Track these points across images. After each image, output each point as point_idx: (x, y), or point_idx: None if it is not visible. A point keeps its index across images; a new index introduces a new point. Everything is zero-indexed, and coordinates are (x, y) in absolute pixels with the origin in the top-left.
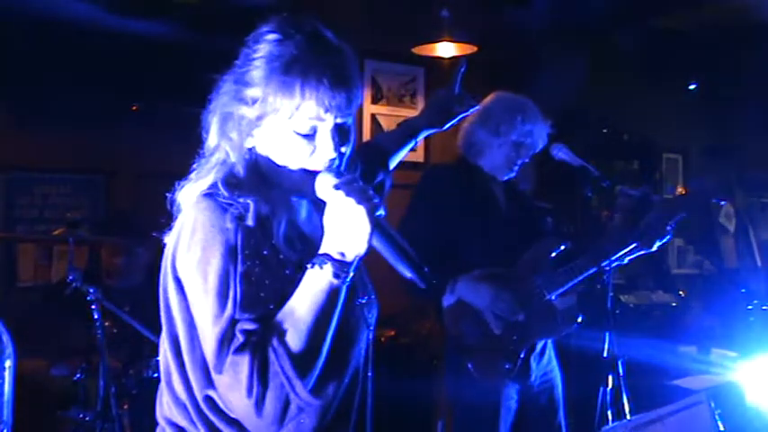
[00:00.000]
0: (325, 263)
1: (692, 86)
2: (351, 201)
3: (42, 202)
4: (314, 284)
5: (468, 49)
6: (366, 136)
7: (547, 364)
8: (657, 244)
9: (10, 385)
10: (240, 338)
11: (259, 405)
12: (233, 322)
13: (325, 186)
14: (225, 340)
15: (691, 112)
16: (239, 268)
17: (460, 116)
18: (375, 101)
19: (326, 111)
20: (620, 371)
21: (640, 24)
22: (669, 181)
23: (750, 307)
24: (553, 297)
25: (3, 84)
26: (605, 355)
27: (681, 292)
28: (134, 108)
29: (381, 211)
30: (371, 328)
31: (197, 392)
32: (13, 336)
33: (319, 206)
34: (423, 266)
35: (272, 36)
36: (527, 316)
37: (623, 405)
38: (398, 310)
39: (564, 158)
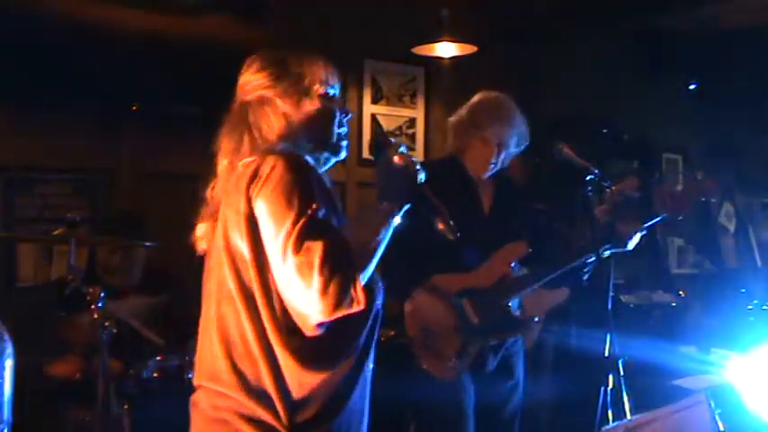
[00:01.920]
0: (380, 203)
1: (692, 86)
2: (403, 163)
3: (42, 202)
4: (372, 218)
5: (468, 49)
6: (366, 136)
7: (508, 348)
8: (631, 243)
9: (10, 385)
10: (317, 231)
11: (325, 285)
12: (313, 220)
13: (386, 147)
14: (304, 231)
15: (691, 112)
16: (316, 191)
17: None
18: (375, 101)
19: (338, 80)
20: (621, 371)
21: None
22: (669, 181)
23: (750, 307)
24: (509, 303)
25: (3, 84)
26: (605, 355)
27: (681, 292)
28: (134, 108)
29: (423, 176)
30: (381, 306)
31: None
32: (13, 336)
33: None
34: (449, 220)
35: (263, 55)
36: (481, 319)
37: (623, 405)
38: (399, 310)
39: (564, 158)
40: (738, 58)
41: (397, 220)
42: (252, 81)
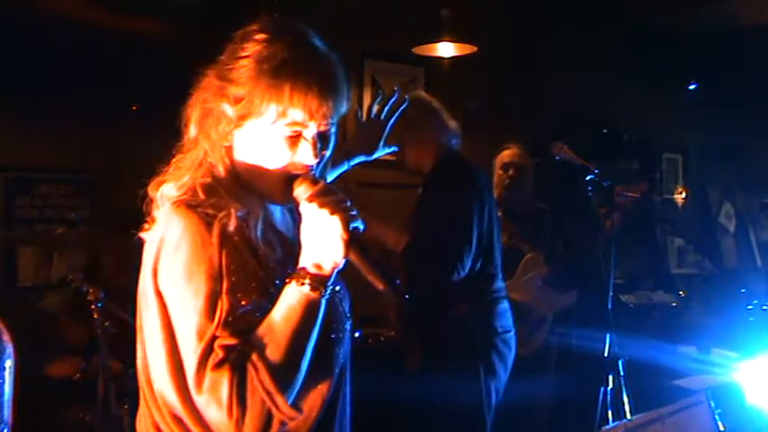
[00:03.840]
0: (302, 277)
1: (691, 86)
2: (325, 212)
3: (42, 202)
4: (292, 299)
5: (468, 49)
6: None
7: None
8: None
9: (10, 385)
10: (220, 354)
11: (239, 424)
12: (214, 339)
13: (300, 196)
14: (204, 358)
15: (691, 113)
16: (224, 285)
17: (385, 150)
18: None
19: (311, 117)
20: (621, 371)
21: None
22: (669, 181)
23: (750, 307)
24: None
25: (3, 84)
26: (605, 355)
27: (681, 292)
28: (134, 108)
29: (359, 224)
30: (349, 316)
31: (165, 409)
32: (13, 336)
33: (292, 209)
34: (395, 279)
35: (261, 36)
36: None
37: (623, 405)
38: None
39: (564, 158)
40: (739, 58)
41: (323, 298)
42: (227, 60)
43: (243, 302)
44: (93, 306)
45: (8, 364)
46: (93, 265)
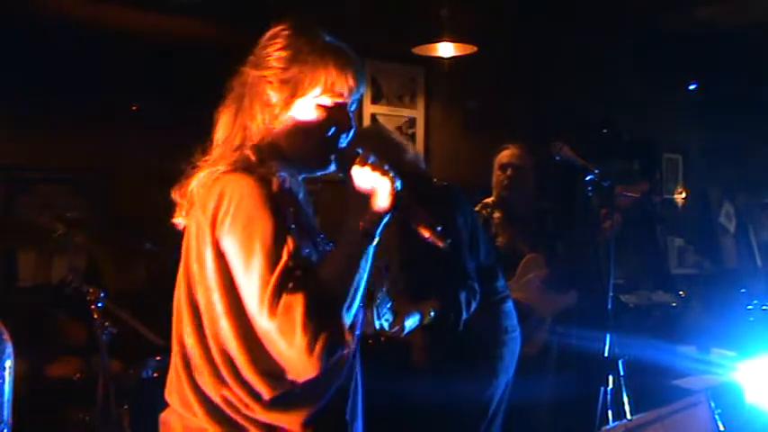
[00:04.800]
0: (359, 225)
1: (692, 86)
2: (377, 174)
3: (42, 202)
4: (351, 239)
5: (468, 49)
6: None
7: None
8: None
9: (10, 385)
10: (291, 282)
11: (311, 345)
12: (287, 269)
13: (352, 162)
14: (278, 285)
15: (691, 113)
16: (287, 225)
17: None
18: (375, 101)
19: (350, 89)
20: (621, 371)
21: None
22: (669, 181)
23: (750, 307)
24: None
25: (3, 84)
26: (605, 355)
27: (681, 292)
28: (134, 108)
29: (399, 184)
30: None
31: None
32: (13, 336)
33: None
34: (437, 227)
35: (291, 31)
36: None
37: (623, 405)
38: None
39: (564, 158)
40: (738, 58)
41: (375, 240)
42: (263, 56)
43: (301, 243)
44: (93, 306)
45: (8, 364)
46: (92, 266)
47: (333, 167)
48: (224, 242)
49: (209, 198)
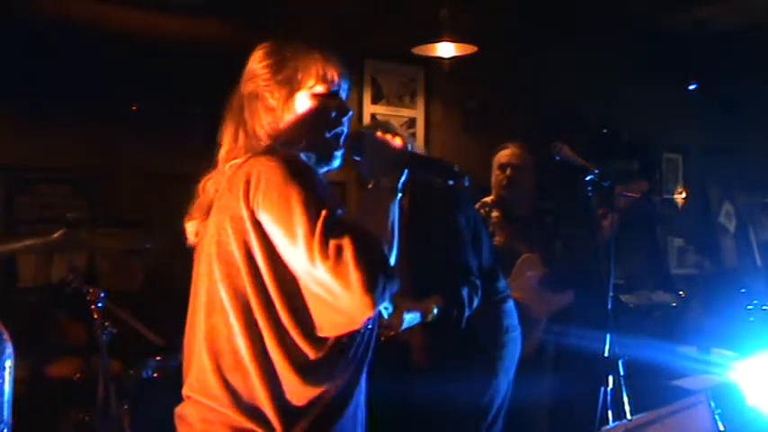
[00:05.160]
0: (382, 183)
1: (692, 86)
2: (388, 137)
3: (42, 202)
4: (379, 195)
5: (469, 49)
6: None
7: None
8: None
9: (10, 385)
10: (337, 228)
11: (365, 280)
12: (329, 217)
13: (365, 131)
14: (325, 232)
15: (691, 112)
16: (318, 189)
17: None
18: (375, 101)
19: (339, 77)
20: (621, 371)
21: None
22: (669, 181)
23: (750, 307)
24: None
25: (3, 84)
26: (605, 355)
27: (681, 292)
28: (134, 108)
29: (410, 145)
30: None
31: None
32: (13, 336)
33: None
34: (452, 177)
35: (271, 44)
36: None
37: (623, 405)
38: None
39: (564, 158)
40: (738, 58)
41: (398, 195)
42: (251, 71)
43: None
44: (93, 306)
45: (8, 364)
46: (92, 266)
47: (340, 159)
48: (262, 217)
49: (237, 182)
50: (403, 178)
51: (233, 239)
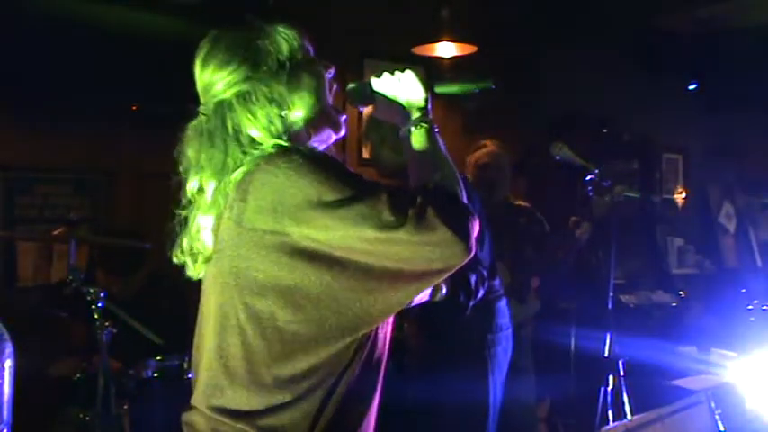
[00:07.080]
0: (416, 121)
1: (692, 86)
2: (397, 73)
3: (42, 202)
4: (419, 133)
5: (469, 49)
6: None
7: None
8: None
9: (10, 385)
10: (404, 197)
11: (461, 232)
12: (384, 186)
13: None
14: (396, 199)
15: (691, 112)
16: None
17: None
18: None
19: (303, 39)
20: (621, 371)
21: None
22: (669, 181)
23: (750, 307)
24: None
25: (3, 84)
26: (605, 355)
27: (681, 292)
28: (134, 108)
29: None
30: None
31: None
32: (13, 336)
33: None
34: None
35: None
36: None
37: (623, 405)
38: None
39: (564, 158)
40: (738, 58)
41: (435, 127)
42: (219, 79)
43: None
44: (93, 306)
45: (8, 364)
46: (92, 266)
47: (344, 130)
48: (306, 230)
49: (255, 196)
50: (429, 106)
51: (258, 262)
